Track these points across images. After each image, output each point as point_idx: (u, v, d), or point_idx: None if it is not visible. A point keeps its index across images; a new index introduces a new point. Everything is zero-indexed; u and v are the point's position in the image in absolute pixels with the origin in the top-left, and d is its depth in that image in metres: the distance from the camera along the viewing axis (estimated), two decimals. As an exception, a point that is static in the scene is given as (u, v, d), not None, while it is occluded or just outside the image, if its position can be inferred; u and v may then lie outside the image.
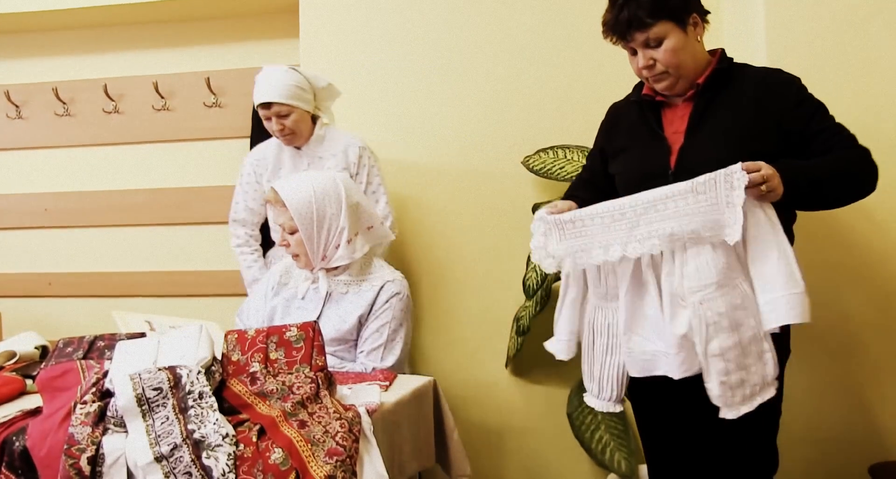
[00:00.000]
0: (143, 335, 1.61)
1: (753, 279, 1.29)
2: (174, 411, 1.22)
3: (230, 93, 2.79)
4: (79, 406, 1.25)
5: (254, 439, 1.21)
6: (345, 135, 2.24)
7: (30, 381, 1.55)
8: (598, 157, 1.66)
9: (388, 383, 1.58)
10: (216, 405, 1.25)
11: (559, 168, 2.27)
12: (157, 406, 1.22)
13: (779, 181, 1.27)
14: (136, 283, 2.87)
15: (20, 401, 1.49)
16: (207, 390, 1.26)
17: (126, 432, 1.22)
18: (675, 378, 1.34)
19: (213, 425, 1.21)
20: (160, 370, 1.26)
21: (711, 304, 1.28)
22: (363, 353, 1.73)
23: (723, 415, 1.31)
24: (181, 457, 1.16)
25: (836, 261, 1.98)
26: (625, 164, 1.57)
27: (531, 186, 2.42)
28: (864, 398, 2.00)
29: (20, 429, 1.27)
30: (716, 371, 1.29)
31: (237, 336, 1.40)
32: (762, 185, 1.25)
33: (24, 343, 1.82)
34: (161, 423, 1.21)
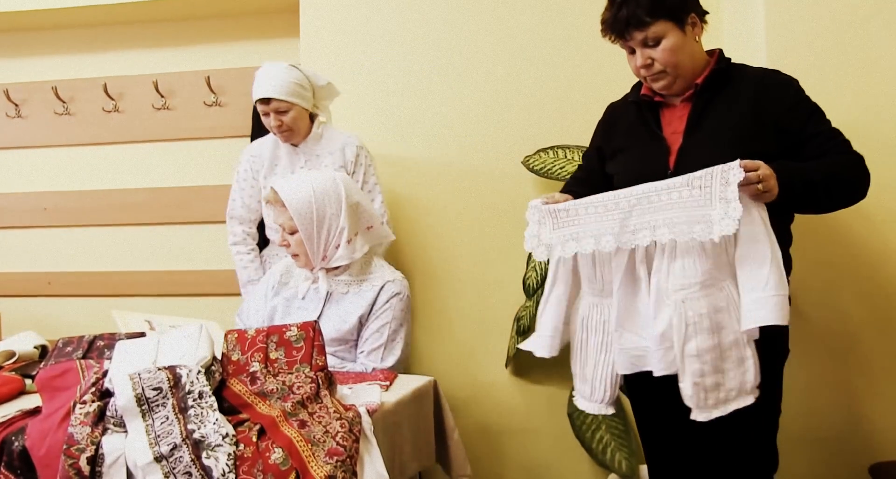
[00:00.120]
0: (143, 335, 1.61)
1: (739, 277, 1.27)
2: (174, 410, 1.22)
3: (230, 92, 2.79)
4: (78, 406, 1.24)
5: (254, 439, 1.21)
6: (342, 133, 2.24)
7: (29, 380, 1.55)
8: (595, 156, 1.66)
9: (389, 383, 1.58)
10: (216, 405, 1.24)
11: (559, 168, 2.27)
12: (157, 406, 1.22)
13: (775, 182, 1.27)
14: (136, 282, 2.86)
15: (19, 401, 1.49)
16: (207, 389, 1.25)
17: (126, 432, 1.21)
18: (655, 375, 1.33)
19: (213, 425, 1.20)
20: (160, 370, 1.26)
21: (693, 303, 1.27)
22: (363, 353, 1.73)
23: (693, 417, 1.30)
24: (181, 457, 1.16)
25: (836, 261, 1.98)
26: (623, 164, 1.56)
27: (531, 186, 2.41)
28: (864, 398, 2.00)
29: (19, 429, 1.27)
30: (690, 372, 1.28)
31: (237, 336, 1.40)
32: (759, 183, 1.24)
33: (24, 343, 1.82)
34: (161, 423, 1.21)
